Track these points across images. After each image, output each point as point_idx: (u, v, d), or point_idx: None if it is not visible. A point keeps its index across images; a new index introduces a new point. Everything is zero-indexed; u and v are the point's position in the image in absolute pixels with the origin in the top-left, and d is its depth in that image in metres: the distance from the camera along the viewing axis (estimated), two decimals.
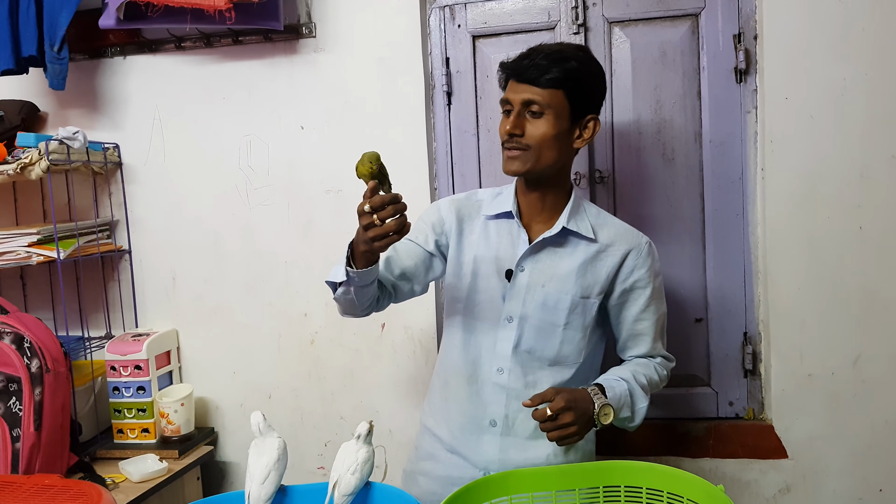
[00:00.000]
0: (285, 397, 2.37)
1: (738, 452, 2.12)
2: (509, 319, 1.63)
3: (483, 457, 1.65)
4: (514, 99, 1.57)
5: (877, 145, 1.97)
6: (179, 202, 2.39)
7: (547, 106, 1.54)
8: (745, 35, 2.06)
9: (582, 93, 1.57)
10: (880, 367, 2.02)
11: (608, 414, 1.49)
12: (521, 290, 1.62)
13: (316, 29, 2.24)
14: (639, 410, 1.60)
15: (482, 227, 1.69)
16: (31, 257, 2.18)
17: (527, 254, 1.63)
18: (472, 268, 1.66)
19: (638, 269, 1.65)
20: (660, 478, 1.38)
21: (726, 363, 2.16)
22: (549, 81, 1.53)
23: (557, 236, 1.62)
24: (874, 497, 2.06)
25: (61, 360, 1.97)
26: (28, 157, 2.13)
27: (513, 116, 1.57)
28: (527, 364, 1.63)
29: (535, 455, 1.63)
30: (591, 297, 1.63)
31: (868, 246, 2.00)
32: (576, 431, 1.45)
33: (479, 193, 1.76)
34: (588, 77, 1.59)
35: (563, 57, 1.55)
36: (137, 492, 1.98)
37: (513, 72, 1.58)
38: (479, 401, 1.65)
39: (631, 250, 1.65)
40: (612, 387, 1.55)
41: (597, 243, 1.64)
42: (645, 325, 1.68)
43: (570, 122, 1.58)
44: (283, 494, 1.43)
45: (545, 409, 1.44)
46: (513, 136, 1.56)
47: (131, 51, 2.38)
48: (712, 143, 2.10)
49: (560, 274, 1.62)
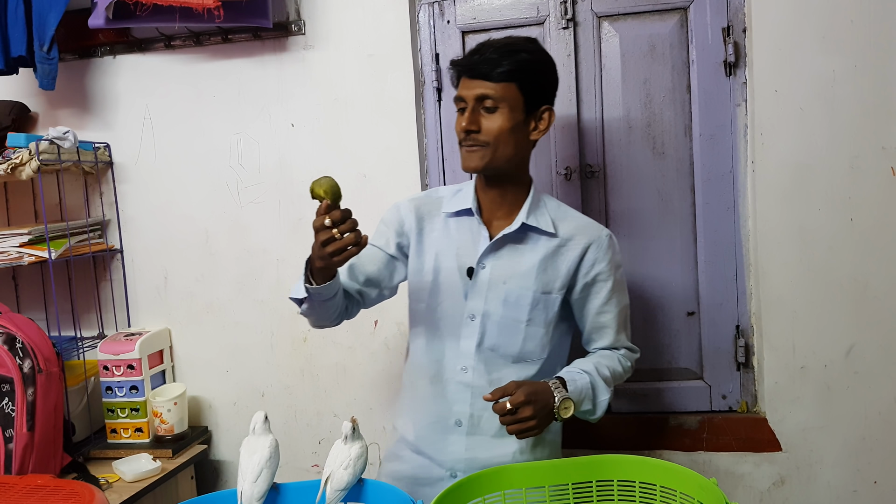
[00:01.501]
0: (278, 395, 2.37)
1: (732, 445, 2.12)
2: (472, 317, 1.63)
3: (449, 457, 1.64)
4: (467, 95, 1.56)
5: (867, 136, 1.98)
6: (170, 201, 2.39)
7: (501, 99, 1.54)
8: (734, 28, 2.07)
9: (535, 84, 1.57)
10: (873, 358, 2.03)
11: (568, 407, 1.50)
12: (482, 287, 1.62)
13: (305, 26, 2.24)
14: (600, 403, 1.60)
15: (443, 224, 1.68)
16: (23, 258, 2.18)
17: (487, 251, 1.62)
18: (434, 266, 1.66)
19: (599, 262, 1.64)
20: (652, 471, 1.37)
21: (719, 356, 2.16)
22: (501, 75, 1.53)
23: (517, 232, 1.62)
24: (868, 488, 2.06)
25: (53, 360, 1.97)
26: (18, 158, 2.12)
27: (468, 113, 1.55)
28: (490, 361, 1.62)
29: (501, 453, 1.62)
30: (553, 293, 1.63)
31: (859, 237, 2.00)
32: (535, 425, 1.45)
33: (440, 191, 1.76)
34: (539, 68, 1.59)
35: (514, 49, 1.54)
36: (131, 491, 1.98)
37: (464, 68, 1.57)
38: (443, 400, 1.65)
39: (591, 243, 1.64)
40: (573, 380, 1.55)
41: (557, 238, 1.63)
42: (608, 318, 1.68)
43: (524, 115, 1.57)
44: (276, 492, 1.42)
45: (505, 402, 1.44)
46: (469, 132, 1.55)
47: (121, 50, 2.38)
48: (702, 136, 2.10)
49: (521, 270, 1.61)
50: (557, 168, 2.17)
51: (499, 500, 1.38)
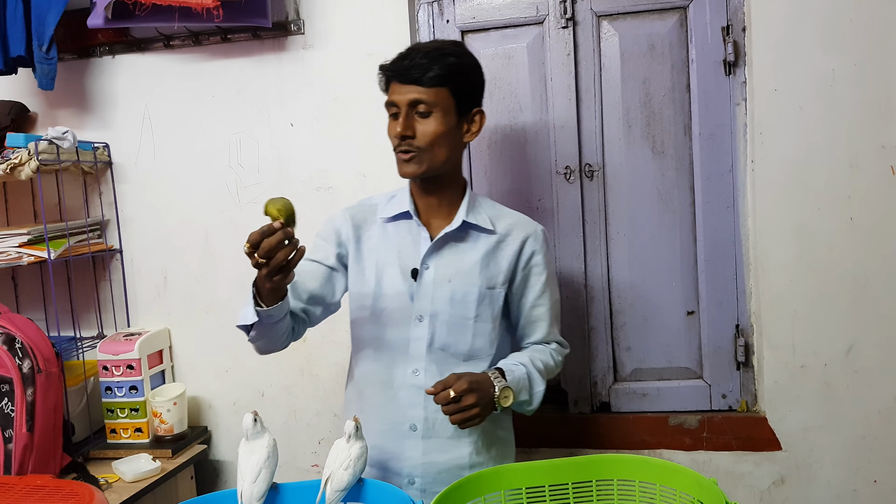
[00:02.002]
0: (278, 395, 2.36)
1: (732, 445, 2.12)
2: (420, 318, 1.63)
3: (407, 463, 1.64)
4: (400, 100, 1.56)
5: (866, 135, 1.97)
6: (170, 201, 2.39)
7: (434, 104, 1.54)
8: (733, 27, 2.06)
9: (465, 87, 1.59)
10: (872, 357, 2.03)
11: (508, 396, 1.53)
12: (428, 287, 1.62)
13: (304, 26, 2.24)
14: (536, 394, 1.62)
15: (380, 230, 1.68)
16: (22, 258, 2.18)
17: (430, 251, 1.63)
18: (376, 272, 1.65)
19: (536, 254, 1.68)
20: (652, 471, 1.37)
21: (719, 355, 2.16)
22: (433, 80, 1.53)
23: (458, 230, 1.63)
24: (868, 487, 2.06)
25: (53, 360, 1.96)
26: (18, 158, 2.12)
27: (402, 118, 1.56)
28: (442, 362, 1.62)
29: (458, 455, 1.63)
30: (497, 287, 1.65)
31: (859, 236, 2.00)
32: (478, 413, 1.48)
33: (373, 198, 1.76)
34: (469, 71, 1.60)
35: (443, 53, 1.55)
36: (131, 491, 1.98)
37: (394, 73, 1.57)
38: (396, 406, 1.64)
39: (529, 237, 1.67)
40: (511, 370, 1.57)
41: (496, 234, 1.66)
42: (541, 311, 1.70)
43: (457, 118, 1.59)
44: (276, 492, 1.42)
45: (448, 391, 1.46)
46: (405, 138, 1.56)
47: (120, 50, 2.37)
48: (702, 135, 2.10)
49: (465, 267, 1.63)
50: (557, 167, 2.17)
51: (499, 500, 1.38)
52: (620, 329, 2.22)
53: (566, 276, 2.20)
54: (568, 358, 2.18)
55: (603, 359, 2.21)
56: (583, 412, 2.23)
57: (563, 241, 2.19)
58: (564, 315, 2.18)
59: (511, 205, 1.76)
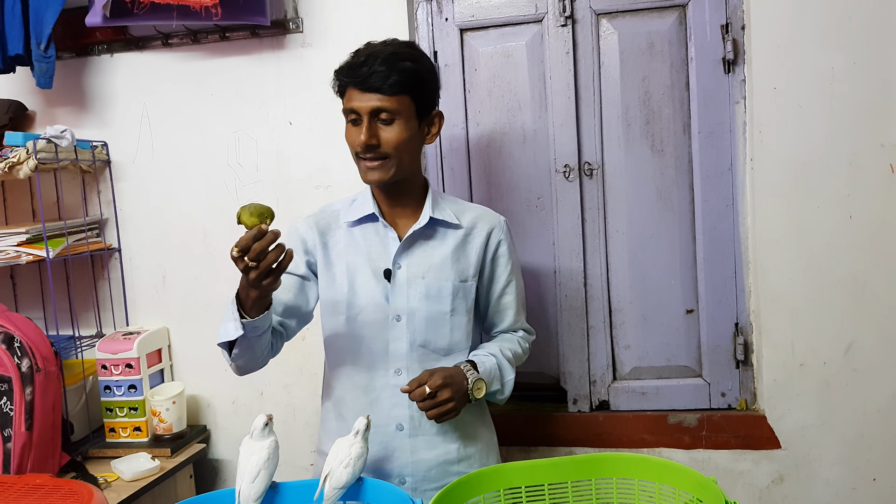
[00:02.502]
0: (277, 394, 2.36)
1: (731, 443, 2.12)
2: (397, 318, 1.63)
3: (396, 463, 1.63)
4: (361, 108, 1.54)
5: (865, 134, 1.97)
6: (168, 199, 2.39)
7: (396, 112, 1.54)
8: (732, 25, 2.06)
9: (425, 92, 1.59)
10: (872, 355, 2.03)
11: (481, 388, 1.55)
12: (402, 286, 1.62)
13: (303, 24, 2.24)
14: (507, 383, 1.65)
15: (346, 235, 1.68)
16: (21, 256, 2.18)
17: (400, 250, 1.63)
18: (348, 277, 1.65)
19: (501, 244, 1.70)
20: (652, 470, 1.38)
21: (718, 354, 2.16)
22: (393, 87, 1.52)
23: (426, 228, 1.64)
24: (867, 486, 2.06)
25: (52, 359, 1.96)
26: (16, 157, 2.12)
27: (365, 127, 1.54)
28: (423, 359, 1.63)
29: (445, 450, 1.64)
30: (469, 280, 1.66)
31: (858, 234, 2.00)
32: (454, 406, 1.50)
33: (333, 205, 1.75)
34: (426, 75, 1.60)
35: (400, 58, 1.54)
36: (130, 490, 1.98)
37: (352, 80, 1.55)
38: (379, 408, 1.63)
39: (493, 228, 1.70)
40: (482, 362, 1.60)
41: (462, 228, 1.67)
42: (509, 299, 1.73)
43: (417, 122, 1.59)
44: (274, 492, 1.42)
45: (423, 388, 1.47)
46: (370, 147, 1.55)
47: (118, 48, 2.37)
48: (701, 133, 2.10)
49: (436, 263, 1.63)
50: (556, 166, 2.17)
51: (497, 499, 1.38)
52: (620, 327, 2.21)
53: (565, 275, 2.20)
54: (567, 356, 2.20)
55: (602, 357, 2.21)
56: (582, 411, 2.23)
57: (562, 240, 2.19)
58: (563, 313, 2.19)
59: (510, 203, 1.76)
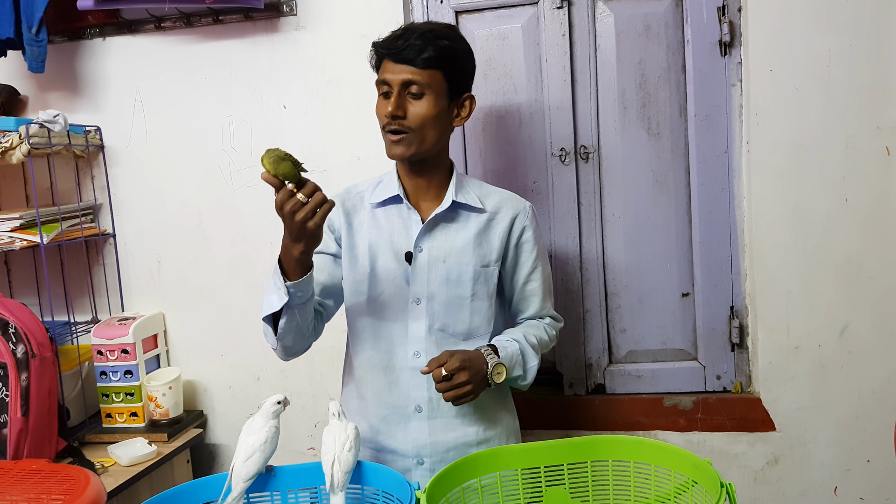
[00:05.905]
0: (273, 378, 2.37)
1: (726, 425, 2.13)
2: (417, 301, 1.63)
3: (413, 444, 1.64)
4: (392, 80, 1.55)
5: (862, 116, 1.97)
6: (163, 184, 2.38)
7: (427, 86, 1.54)
8: (729, 7, 2.05)
9: (458, 72, 1.59)
10: (866, 338, 2.03)
11: (501, 373, 1.54)
12: (423, 269, 1.62)
13: (297, 6, 2.22)
14: (530, 369, 1.63)
15: (370, 216, 1.68)
16: (15, 242, 2.17)
17: (422, 233, 1.63)
18: (370, 258, 1.65)
19: (526, 230, 1.69)
20: (648, 452, 1.38)
21: (713, 337, 2.17)
22: (427, 61, 1.53)
23: (448, 211, 1.63)
24: (862, 467, 2.08)
25: (47, 345, 1.96)
26: (8, 142, 2.10)
27: (394, 98, 1.55)
28: (442, 342, 1.63)
29: (464, 433, 1.64)
30: (490, 265, 1.65)
31: (853, 217, 2.00)
32: (471, 390, 1.50)
33: (358, 185, 1.75)
34: (462, 55, 1.60)
35: (437, 36, 1.54)
36: (127, 475, 1.98)
37: (387, 52, 1.56)
38: (398, 389, 1.65)
39: (518, 214, 1.68)
40: (504, 347, 1.59)
41: (486, 212, 1.66)
42: (534, 286, 1.72)
43: (448, 101, 1.59)
44: (271, 475, 1.42)
45: (440, 370, 1.48)
46: (396, 117, 1.55)
47: (110, 32, 2.35)
48: (697, 116, 2.10)
49: (457, 247, 1.63)
50: (552, 149, 2.16)
51: (494, 482, 1.38)
52: (615, 311, 2.22)
53: (561, 259, 2.20)
54: (563, 340, 2.19)
55: (598, 340, 2.22)
56: (578, 394, 2.24)
57: (558, 223, 2.19)
58: (559, 297, 2.19)
59: (506, 186, 1.75)
